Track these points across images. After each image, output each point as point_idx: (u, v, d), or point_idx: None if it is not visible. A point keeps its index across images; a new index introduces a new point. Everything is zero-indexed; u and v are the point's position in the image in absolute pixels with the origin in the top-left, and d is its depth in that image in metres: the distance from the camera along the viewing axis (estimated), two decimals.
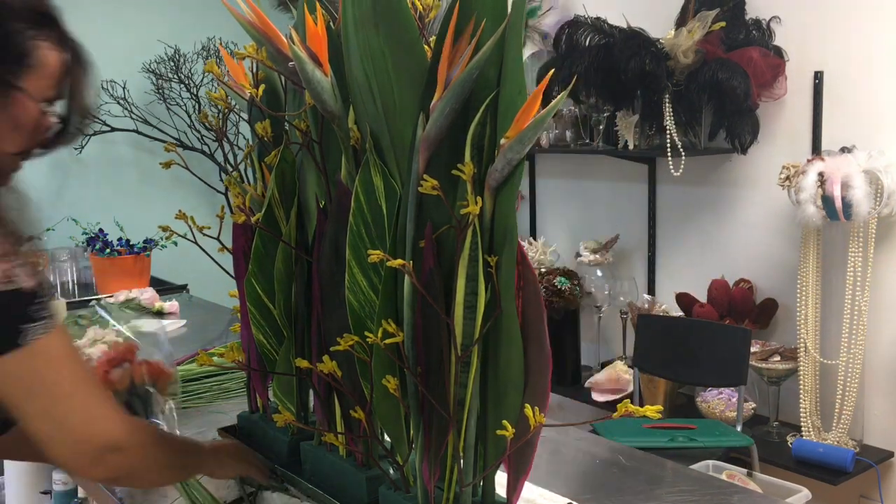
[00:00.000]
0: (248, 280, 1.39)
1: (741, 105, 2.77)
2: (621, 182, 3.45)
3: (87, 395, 1.01)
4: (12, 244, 0.95)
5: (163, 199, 4.06)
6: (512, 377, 1.05)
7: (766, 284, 2.98)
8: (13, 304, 0.93)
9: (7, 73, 0.97)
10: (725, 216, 3.09)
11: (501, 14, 0.99)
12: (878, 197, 2.50)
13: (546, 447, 1.63)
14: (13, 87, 0.98)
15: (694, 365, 2.83)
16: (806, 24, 2.77)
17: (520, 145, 0.95)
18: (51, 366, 0.97)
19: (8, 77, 0.98)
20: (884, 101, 2.62)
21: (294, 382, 1.42)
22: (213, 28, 4.16)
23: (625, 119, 3.09)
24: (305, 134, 1.26)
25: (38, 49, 1.00)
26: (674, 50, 2.79)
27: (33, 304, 0.95)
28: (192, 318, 2.74)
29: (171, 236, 1.43)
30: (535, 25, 3.49)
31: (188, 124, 4.17)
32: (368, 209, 1.14)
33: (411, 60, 1.05)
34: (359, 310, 1.16)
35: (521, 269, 1.02)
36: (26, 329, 0.94)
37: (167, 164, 1.43)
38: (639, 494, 1.43)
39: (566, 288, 3.27)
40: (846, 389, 2.63)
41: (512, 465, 1.10)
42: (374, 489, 1.24)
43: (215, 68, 1.37)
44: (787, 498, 2.25)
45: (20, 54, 0.99)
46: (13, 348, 0.94)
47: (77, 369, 1.01)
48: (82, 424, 0.99)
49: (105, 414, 1.02)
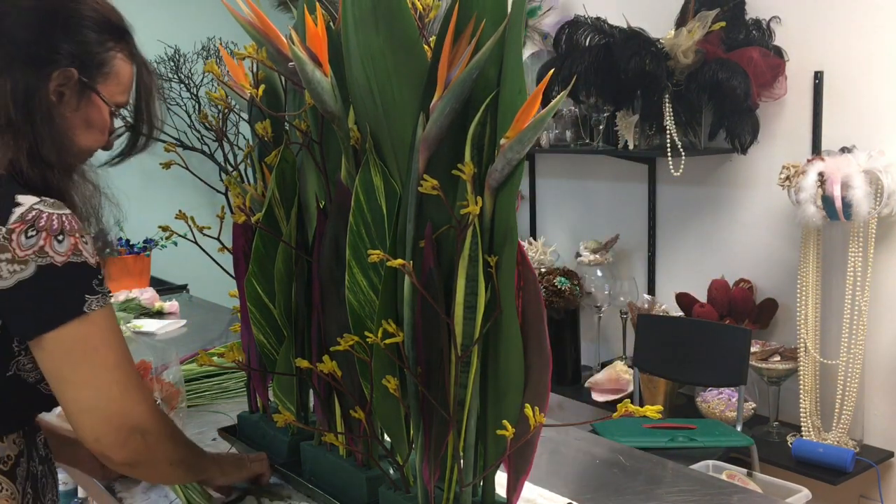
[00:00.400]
0: (248, 280, 1.39)
1: (741, 105, 2.77)
2: (621, 182, 3.45)
3: (129, 372, 1.08)
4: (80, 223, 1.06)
5: (163, 199, 4.06)
6: (512, 377, 1.05)
7: (766, 284, 2.98)
8: (80, 275, 1.03)
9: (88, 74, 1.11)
10: (725, 216, 3.09)
11: (501, 14, 0.99)
12: (878, 197, 2.50)
13: (546, 447, 1.62)
14: (91, 89, 1.12)
15: (694, 365, 2.83)
16: (806, 24, 2.77)
17: (520, 145, 0.95)
18: (103, 336, 1.05)
19: (89, 77, 1.11)
20: (884, 101, 2.62)
21: (294, 382, 1.42)
22: (213, 28, 4.16)
23: (625, 119, 3.09)
24: (305, 134, 1.26)
25: (114, 59, 1.14)
26: (674, 50, 2.79)
27: (96, 277, 1.05)
28: (192, 318, 2.73)
29: (171, 236, 1.44)
30: (535, 25, 3.49)
31: (188, 124, 4.17)
32: (368, 209, 1.14)
33: (411, 60, 1.05)
34: (359, 310, 1.16)
35: (521, 269, 1.02)
36: (90, 300, 1.03)
37: (167, 164, 1.45)
38: (639, 494, 1.43)
39: (566, 288, 3.27)
40: (846, 389, 2.63)
41: (512, 465, 1.10)
42: (374, 489, 1.24)
43: (215, 68, 1.37)
44: (787, 498, 2.25)
45: (101, 63, 1.12)
46: (79, 315, 1.02)
47: (122, 345, 1.09)
48: (120, 398, 1.06)
49: (141, 396, 1.09)
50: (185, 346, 2.31)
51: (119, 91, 1.16)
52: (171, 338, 2.58)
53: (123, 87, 1.16)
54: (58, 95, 1.09)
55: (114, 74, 1.14)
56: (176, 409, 1.56)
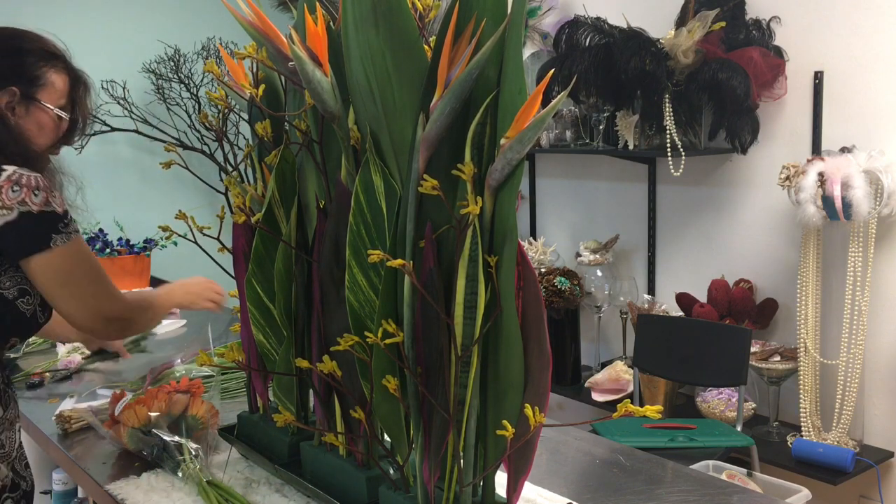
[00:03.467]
0: (248, 280, 1.39)
1: (741, 105, 2.77)
2: (621, 182, 3.45)
3: (103, 282, 1.47)
4: (51, 184, 1.41)
5: (163, 199, 4.07)
6: (512, 377, 1.05)
7: (766, 284, 2.99)
8: (48, 220, 1.38)
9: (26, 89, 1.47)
10: (725, 216, 3.09)
11: (501, 14, 0.99)
12: (878, 197, 2.50)
13: (546, 447, 1.63)
14: (31, 98, 1.48)
15: (694, 365, 2.83)
16: (806, 24, 2.77)
17: (520, 145, 0.95)
18: (76, 262, 1.41)
19: (27, 91, 1.47)
20: (884, 101, 2.62)
21: (294, 382, 1.42)
22: (213, 28, 4.16)
23: (625, 119, 3.09)
24: (305, 134, 1.26)
25: (47, 73, 1.50)
26: (674, 50, 2.79)
27: (62, 222, 1.40)
28: (192, 318, 2.73)
29: (171, 236, 1.45)
30: (535, 25, 3.49)
31: (188, 124, 4.17)
32: (368, 209, 1.14)
33: (411, 60, 1.05)
34: (359, 310, 1.16)
35: (521, 269, 1.02)
36: (55, 237, 1.38)
37: (167, 164, 1.48)
38: (639, 494, 1.43)
39: (566, 288, 3.27)
40: (846, 389, 2.63)
41: (512, 465, 1.10)
42: (374, 489, 1.24)
43: (215, 68, 1.37)
44: (787, 498, 2.25)
45: (33, 77, 1.49)
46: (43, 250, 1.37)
47: (95, 265, 1.46)
48: (101, 302, 1.46)
49: (115, 295, 1.49)
50: (185, 347, 2.31)
51: (57, 97, 1.51)
52: (171, 338, 2.58)
53: (60, 94, 1.52)
54: (9, 109, 1.45)
55: (49, 84, 1.50)
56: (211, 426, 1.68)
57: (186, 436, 1.58)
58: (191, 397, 1.65)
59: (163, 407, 1.60)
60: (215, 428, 1.66)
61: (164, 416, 1.61)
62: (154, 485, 1.48)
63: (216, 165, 4.08)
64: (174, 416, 1.62)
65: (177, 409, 1.62)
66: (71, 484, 2.21)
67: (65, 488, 2.21)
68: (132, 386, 2.02)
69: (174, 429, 1.60)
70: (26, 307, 1.44)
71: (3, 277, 1.41)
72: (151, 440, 1.57)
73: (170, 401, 1.62)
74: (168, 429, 1.59)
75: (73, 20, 3.94)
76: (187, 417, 1.63)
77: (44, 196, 1.36)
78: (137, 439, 1.59)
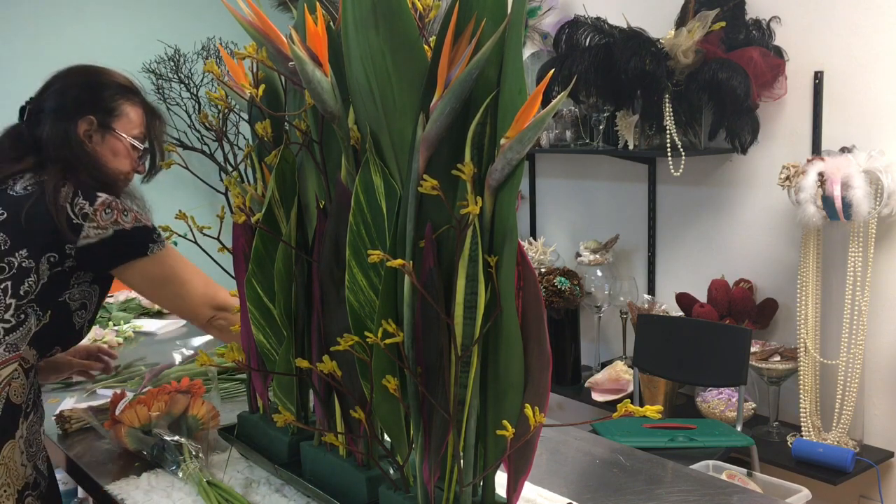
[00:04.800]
0: (248, 280, 1.39)
1: (741, 105, 2.77)
2: (621, 182, 3.45)
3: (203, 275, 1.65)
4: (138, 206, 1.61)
5: (163, 199, 4.06)
6: (512, 377, 1.05)
7: (766, 284, 2.99)
8: (142, 234, 1.55)
9: (103, 118, 1.62)
10: (725, 216, 3.09)
11: (501, 14, 0.99)
12: (878, 197, 2.50)
13: (546, 447, 1.63)
14: (107, 127, 1.62)
15: (694, 365, 2.83)
16: (806, 24, 2.77)
17: (520, 145, 0.95)
18: (171, 266, 1.59)
19: (104, 121, 1.62)
20: (884, 101, 2.62)
21: (294, 382, 1.42)
22: (213, 28, 4.16)
23: (625, 119, 3.09)
24: (305, 134, 1.26)
25: (122, 105, 1.65)
26: (674, 50, 2.79)
27: (155, 233, 1.57)
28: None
29: (171, 236, 1.46)
30: (535, 25, 3.49)
31: (188, 124, 4.17)
32: (368, 209, 1.14)
33: (411, 60, 1.05)
34: (359, 310, 1.16)
35: (521, 269, 1.02)
36: (151, 246, 1.56)
37: (167, 163, 1.48)
38: (639, 494, 1.43)
39: (566, 288, 3.27)
40: (846, 389, 2.63)
41: (512, 465, 1.10)
42: (374, 489, 1.24)
43: (215, 68, 1.37)
44: (787, 498, 2.25)
45: (110, 108, 1.63)
46: (141, 257, 1.55)
47: (187, 266, 1.62)
48: (199, 297, 1.62)
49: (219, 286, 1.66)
50: (185, 347, 2.31)
51: (131, 127, 1.65)
52: (171, 338, 2.58)
53: (134, 124, 1.65)
54: (87, 136, 1.59)
55: (124, 115, 1.64)
56: (211, 427, 1.69)
57: (186, 436, 1.59)
58: (191, 397, 1.65)
59: (163, 407, 1.61)
60: (215, 428, 1.66)
61: (164, 416, 1.61)
62: (154, 485, 1.48)
63: (216, 165, 4.08)
64: (174, 416, 1.62)
65: (177, 409, 1.63)
66: (71, 484, 2.21)
67: (65, 488, 2.21)
68: (132, 386, 2.02)
69: (174, 429, 1.61)
70: (79, 320, 1.56)
71: (75, 290, 1.54)
72: (151, 440, 1.57)
73: (170, 401, 1.62)
74: (168, 429, 1.60)
75: (73, 20, 3.94)
76: (187, 417, 1.64)
77: (132, 216, 1.54)
78: (137, 439, 1.59)
